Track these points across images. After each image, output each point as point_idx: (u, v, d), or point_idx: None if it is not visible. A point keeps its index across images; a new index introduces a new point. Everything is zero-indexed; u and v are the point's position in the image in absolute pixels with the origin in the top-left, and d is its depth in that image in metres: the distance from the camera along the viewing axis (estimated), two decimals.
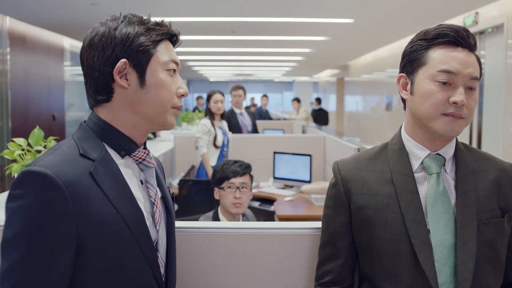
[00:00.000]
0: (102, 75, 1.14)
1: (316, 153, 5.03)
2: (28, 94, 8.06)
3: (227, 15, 7.21)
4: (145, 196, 1.21)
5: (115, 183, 1.12)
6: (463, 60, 1.27)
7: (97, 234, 1.05)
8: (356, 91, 14.47)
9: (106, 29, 1.15)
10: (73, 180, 1.04)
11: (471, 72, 1.27)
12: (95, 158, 1.11)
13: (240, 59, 14.56)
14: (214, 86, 24.06)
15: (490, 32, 6.24)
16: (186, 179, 4.51)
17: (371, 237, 1.33)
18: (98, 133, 1.16)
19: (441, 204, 1.29)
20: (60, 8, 6.74)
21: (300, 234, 1.59)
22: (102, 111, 1.18)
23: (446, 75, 1.27)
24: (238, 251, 1.58)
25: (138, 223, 1.13)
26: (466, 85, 1.27)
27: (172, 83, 1.19)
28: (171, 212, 1.31)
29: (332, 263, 1.42)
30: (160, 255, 1.22)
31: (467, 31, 1.30)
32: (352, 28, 8.10)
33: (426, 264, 1.25)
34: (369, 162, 1.42)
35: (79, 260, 1.05)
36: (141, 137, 1.21)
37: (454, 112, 1.27)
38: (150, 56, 1.16)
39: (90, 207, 1.05)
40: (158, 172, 1.31)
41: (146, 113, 1.17)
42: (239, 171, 2.69)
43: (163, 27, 1.20)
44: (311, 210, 3.98)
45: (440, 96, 1.27)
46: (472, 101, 1.29)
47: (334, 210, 1.42)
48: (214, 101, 4.93)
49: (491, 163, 1.39)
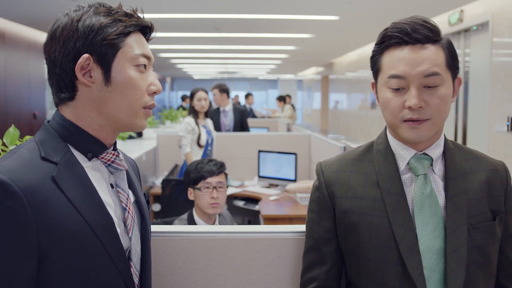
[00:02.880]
0: (64, 72, 1.04)
1: (301, 152, 4.99)
2: (7, 92, 7.91)
3: (210, 12, 7.14)
4: (116, 201, 1.11)
5: (81, 188, 1.02)
6: (411, 59, 1.18)
7: (61, 244, 0.96)
8: (341, 89, 14.48)
9: (69, 21, 1.05)
10: (32, 186, 0.94)
11: (423, 70, 1.17)
12: (58, 161, 1.01)
13: (224, 57, 14.49)
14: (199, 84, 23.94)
15: (475, 30, 6.25)
16: (169, 179, 4.43)
17: (357, 242, 1.26)
18: (62, 134, 1.06)
19: (428, 207, 1.22)
20: (41, 3, 6.62)
21: (284, 239, 1.53)
22: (66, 110, 1.08)
23: (396, 80, 1.20)
24: (221, 257, 1.52)
25: (107, 230, 1.04)
26: (424, 84, 1.18)
27: (141, 80, 1.09)
28: (146, 217, 1.21)
29: (317, 269, 1.34)
30: (133, 264, 1.13)
31: (415, 24, 1.19)
32: (337, 25, 8.07)
33: (414, 271, 1.18)
34: (353, 163, 1.35)
35: (42, 273, 0.96)
36: (110, 138, 1.11)
37: (412, 117, 1.19)
38: (116, 51, 1.05)
39: (52, 215, 0.95)
40: (131, 174, 1.22)
41: (112, 114, 1.07)
42: (215, 170, 2.63)
43: (133, 18, 1.09)
44: (297, 210, 3.95)
45: (395, 103, 1.21)
46: (436, 99, 1.19)
47: (318, 214, 1.34)
48: (198, 99, 4.85)
49: (482, 163, 1.32)
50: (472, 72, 6.32)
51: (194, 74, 24.14)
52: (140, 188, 1.26)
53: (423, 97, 1.18)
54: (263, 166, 4.90)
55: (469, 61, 6.43)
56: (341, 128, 14.16)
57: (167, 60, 15.03)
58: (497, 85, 5.56)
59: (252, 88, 25.44)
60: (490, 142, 5.67)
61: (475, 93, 6.26)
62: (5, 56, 7.84)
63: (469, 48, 6.44)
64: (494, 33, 5.63)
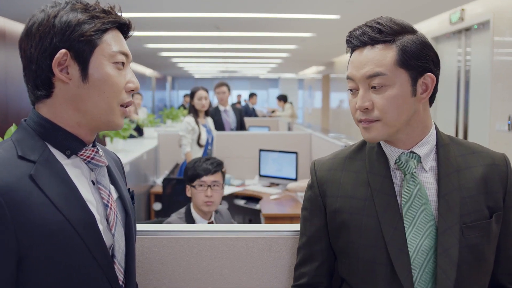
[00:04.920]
0: (40, 68, 1.03)
1: (302, 151, 4.98)
2: (8, 91, 7.90)
3: (211, 11, 7.12)
4: (97, 198, 1.10)
5: (61, 185, 1.01)
6: (357, 62, 1.21)
7: (41, 244, 0.95)
8: (341, 88, 14.45)
9: (45, 17, 1.04)
10: (9, 186, 0.93)
11: (365, 72, 1.19)
12: (36, 159, 1.00)
13: (225, 56, 14.46)
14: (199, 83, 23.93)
15: (476, 29, 6.23)
16: (170, 178, 4.44)
17: (347, 242, 1.27)
18: (39, 132, 1.05)
19: (417, 207, 1.21)
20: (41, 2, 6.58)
21: (284, 237, 1.54)
22: (43, 107, 1.07)
23: (349, 82, 1.23)
24: (222, 255, 1.52)
25: (89, 228, 1.02)
26: (370, 85, 1.19)
27: (119, 77, 1.08)
28: (130, 213, 1.20)
29: (307, 266, 1.36)
30: (117, 261, 1.12)
31: (367, 26, 1.21)
32: (338, 24, 8.05)
33: (402, 272, 1.18)
34: (345, 161, 1.34)
35: (22, 274, 0.95)
36: (89, 135, 1.11)
37: (361, 118, 1.21)
38: (93, 47, 1.04)
39: (31, 214, 0.94)
40: (113, 170, 1.20)
41: (89, 111, 1.06)
42: (210, 169, 2.67)
43: (111, 15, 1.08)
44: (297, 209, 3.93)
45: (351, 104, 1.24)
46: (382, 99, 1.18)
47: (310, 213, 1.36)
48: (198, 98, 4.84)
49: (479, 158, 1.29)
50: (473, 71, 6.30)
51: (195, 73, 24.10)
52: (124, 184, 1.24)
53: (370, 98, 1.19)
54: (264, 165, 4.89)
55: (470, 60, 6.42)
56: (342, 127, 14.15)
57: (168, 59, 15.01)
58: (498, 85, 5.54)
59: (252, 87, 25.40)
60: (491, 142, 5.66)
61: (476, 92, 6.24)
62: (5, 55, 7.84)
63: (470, 47, 6.42)
64: (495, 32, 5.62)
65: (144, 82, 18.44)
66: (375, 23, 1.21)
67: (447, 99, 6.78)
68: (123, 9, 1.12)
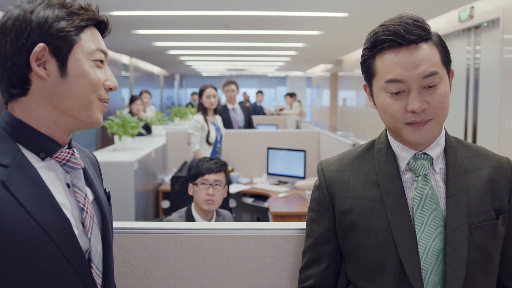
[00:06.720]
0: (16, 65, 0.99)
1: (310, 149, 4.98)
2: None
3: (219, 9, 7.13)
4: (73, 202, 1.06)
5: (34, 190, 0.97)
6: (409, 62, 1.15)
7: (12, 253, 0.92)
8: (349, 86, 14.43)
9: (21, 12, 1.00)
10: None
11: (421, 72, 1.14)
12: (8, 164, 0.96)
13: (233, 54, 14.48)
14: (207, 81, 23.99)
15: (485, 27, 6.20)
16: (178, 176, 4.44)
17: (356, 243, 1.26)
18: (11, 134, 1.01)
19: (428, 208, 1.20)
20: None
21: (291, 235, 1.54)
22: (17, 107, 1.03)
23: (395, 85, 1.17)
24: (228, 253, 1.53)
25: (63, 233, 0.99)
26: (423, 85, 1.16)
27: (99, 74, 1.06)
28: (106, 215, 1.17)
29: (314, 268, 1.35)
30: (94, 265, 1.08)
31: (406, 24, 1.16)
32: (346, 22, 8.04)
33: (412, 273, 1.17)
34: (354, 162, 1.33)
35: None
36: (64, 136, 1.07)
37: (416, 120, 1.17)
38: (72, 44, 1.02)
39: (3, 222, 0.90)
40: (89, 171, 1.17)
41: (68, 107, 1.03)
42: (213, 168, 2.69)
43: (89, 12, 1.06)
44: (305, 207, 3.90)
45: (395, 108, 1.18)
46: (437, 97, 1.16)
47: (318, 214, 1.34)
48: (207, 96, 4.84)
49: (486, 160, 1.28)
50: (483, 69, 6.27)
51: (203, 71, 24.15)
52: (100, 185, 1.22)
53: (425, 98, 1.16)
54: (272, 163, 4.89)
55: (479, 58, 6.38)
56: (350, 125, 14.12)
57: (176, 57, 15.04)
58: (508, 82, 5.51)
59: (260, 85, 25.40)
60: (500, 140, 5.63)
61: (485, 90, 6.21)
62: None
63: (479, 45, 6.39)
64: (505, 30, 5.58)
65: (152, 80, 18.50)
66: (413, 21, 1.16)
67: (456, 98, 6.75)
68: (134, 7, 1.13)
